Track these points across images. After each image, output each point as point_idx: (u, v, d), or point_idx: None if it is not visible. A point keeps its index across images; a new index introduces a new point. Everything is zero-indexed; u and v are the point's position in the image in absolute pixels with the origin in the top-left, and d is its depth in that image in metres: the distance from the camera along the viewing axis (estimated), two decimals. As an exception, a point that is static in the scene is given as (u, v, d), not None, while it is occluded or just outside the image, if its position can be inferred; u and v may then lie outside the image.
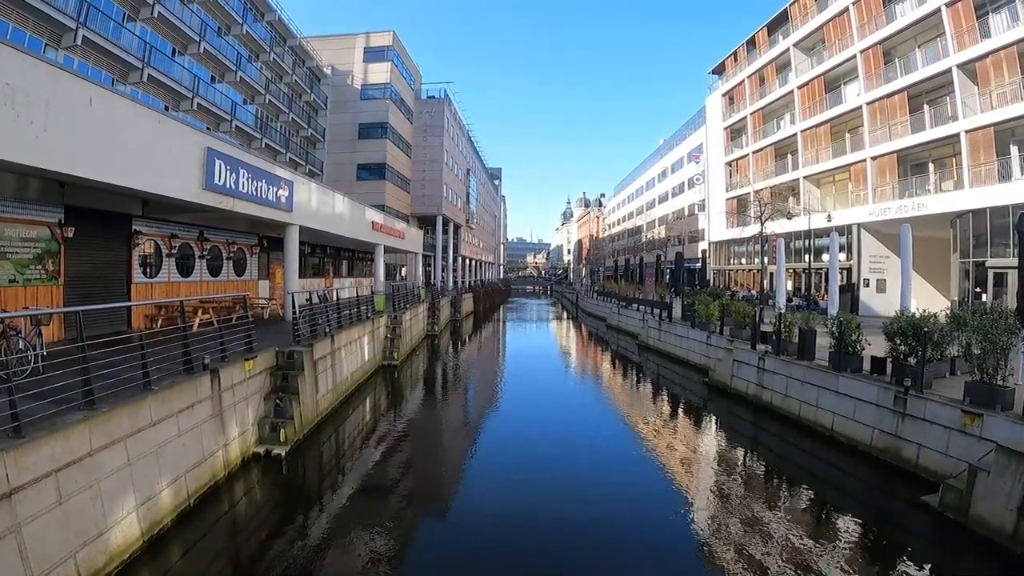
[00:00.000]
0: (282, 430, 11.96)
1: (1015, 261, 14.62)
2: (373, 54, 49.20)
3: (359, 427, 15.53)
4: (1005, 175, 25.09)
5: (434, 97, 58.72)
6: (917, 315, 12.69)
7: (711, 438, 15.25)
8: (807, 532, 8.93)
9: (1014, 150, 25.24)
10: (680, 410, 18.57)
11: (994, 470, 8.44)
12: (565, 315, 63.98)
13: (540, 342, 40.47)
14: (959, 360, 12.84)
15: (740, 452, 13.99)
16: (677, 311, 29.32)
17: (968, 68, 27.04)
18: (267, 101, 38.34)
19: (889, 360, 12.81)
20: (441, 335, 37.50)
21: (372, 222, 30.79)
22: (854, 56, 34.41)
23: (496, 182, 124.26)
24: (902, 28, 30.96)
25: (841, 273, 32.30)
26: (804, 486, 11.36)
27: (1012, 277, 22.34)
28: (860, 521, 9.42)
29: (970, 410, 10.07)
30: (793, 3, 41.65)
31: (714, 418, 17.21)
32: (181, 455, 8.89)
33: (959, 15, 27.27)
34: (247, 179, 16.56)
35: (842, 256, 33.60)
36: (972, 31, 26.74)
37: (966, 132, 26.66)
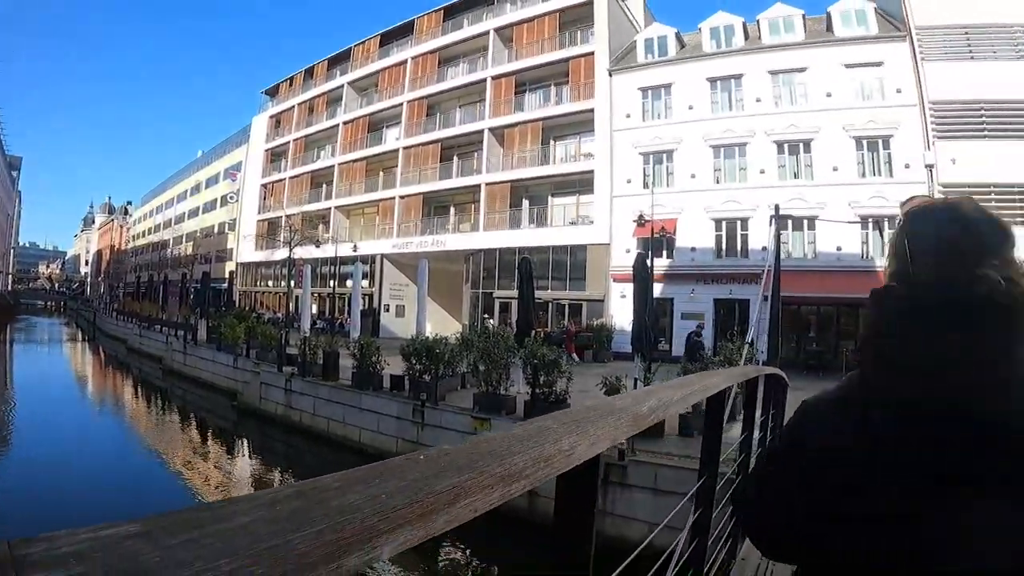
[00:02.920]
0: None
1: (517, 293, 18.30)
2: None
3: None
4: (516, 223, 31.37)
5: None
6: (431, 338, 14.05)
7: (243, 459, 15.67)
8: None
9: (525, 203, 31.85)
10: (209, 435, 18.32)
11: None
12: (81, 336, 57.61)
13: (54, 368, 35.09)
14: (468, 375, 14.39)
15: (274, 470, 14.49)
16: (203, 333, 28.24)
17: (498, 132, 32.15)
18: None
19: (407, 377, 13.95)
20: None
21: None
22: (401, 104, 37.47)
23: (15, 173, 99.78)
24: (449, 88, 35.39)
25: (364, 299, 34.16)
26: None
27: (515, 306, 25.90)
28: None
29: (479, 416, 11.78)
30: (359, 44, 43.47)
31: (245, 440, 17.43)
32: None
33: (501, 88, 32.31)
34: None
35: (365, 283, 35.41)
36: (509, 103, 31.91)
37: (487, 184, 31.78)
